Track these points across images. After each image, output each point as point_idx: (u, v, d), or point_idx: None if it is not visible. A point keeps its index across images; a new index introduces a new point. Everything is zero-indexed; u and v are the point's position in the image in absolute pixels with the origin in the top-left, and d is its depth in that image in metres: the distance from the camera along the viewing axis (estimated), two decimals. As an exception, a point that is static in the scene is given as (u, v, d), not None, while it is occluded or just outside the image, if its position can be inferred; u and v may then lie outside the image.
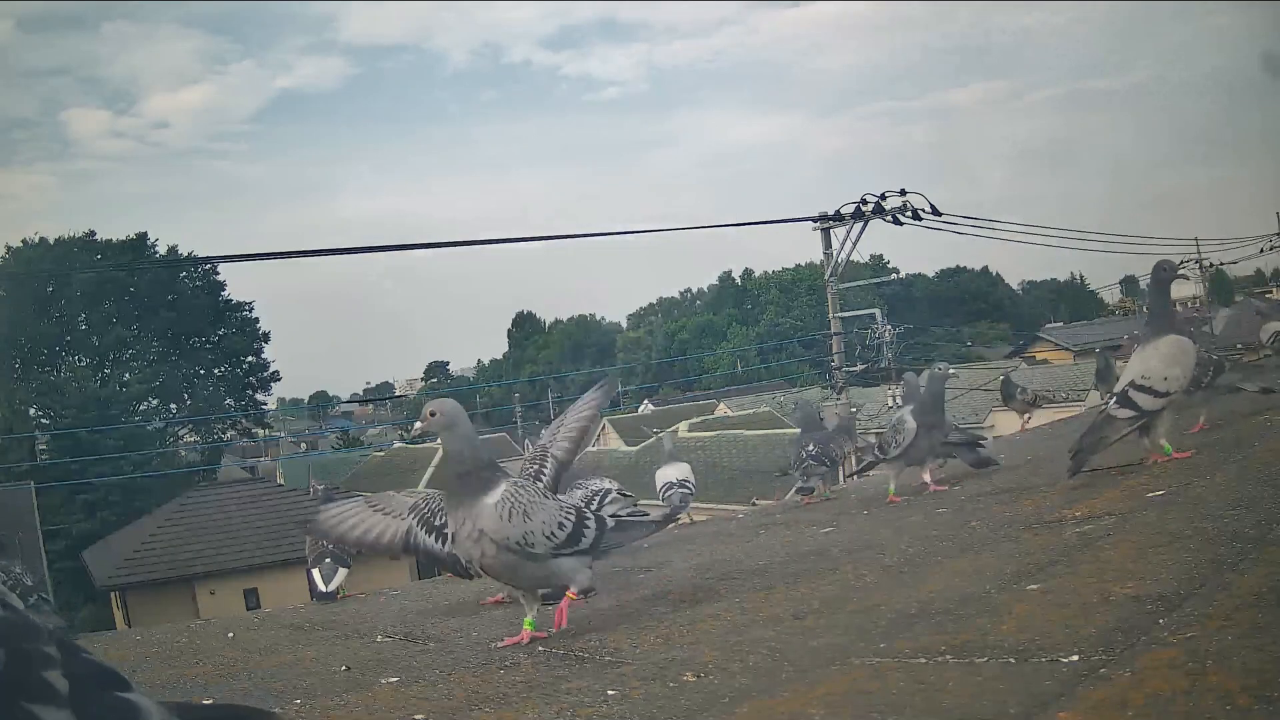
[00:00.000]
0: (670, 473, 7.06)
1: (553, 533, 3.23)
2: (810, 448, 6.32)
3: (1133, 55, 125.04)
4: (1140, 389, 4.46)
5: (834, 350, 19.58)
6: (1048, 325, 55.76)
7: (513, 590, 3.51)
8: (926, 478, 5.59)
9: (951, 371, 5.93)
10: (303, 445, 50.06)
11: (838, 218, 18.54)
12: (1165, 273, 4.77)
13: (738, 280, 79.23)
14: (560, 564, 3.28)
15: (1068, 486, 4.69)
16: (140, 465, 30.51)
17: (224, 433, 40.63)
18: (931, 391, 5.80)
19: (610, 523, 3.44)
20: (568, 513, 3.33)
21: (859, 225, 18.32)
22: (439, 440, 3.29)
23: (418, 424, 3.33)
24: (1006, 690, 2.08)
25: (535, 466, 4.44)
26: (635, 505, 6.14)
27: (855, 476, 5.87)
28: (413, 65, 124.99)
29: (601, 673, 2.82)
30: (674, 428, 29.14)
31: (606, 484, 6.16)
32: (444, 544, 3.92)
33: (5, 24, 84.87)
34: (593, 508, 5.93)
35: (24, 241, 38.38)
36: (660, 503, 6.69)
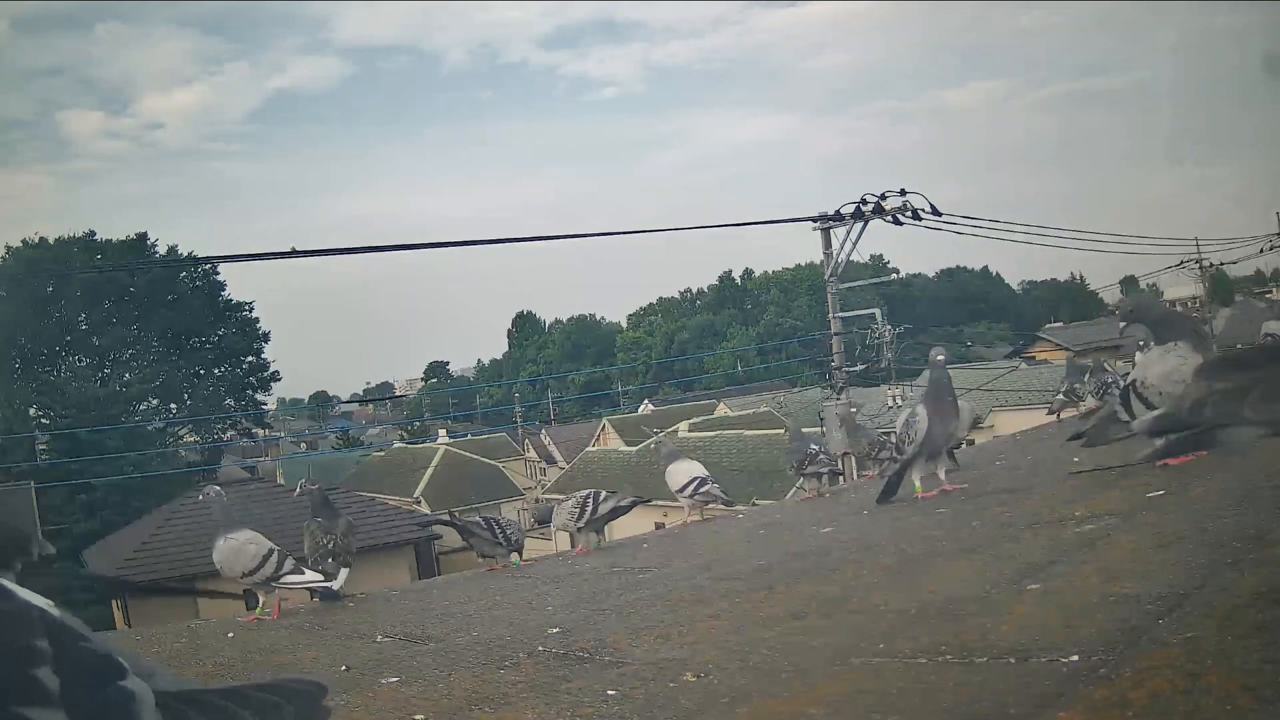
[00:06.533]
0: (688, 469, 7.13)
1: None
2: (819, 448, 7.19)
3: (1133, 55, 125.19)
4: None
5: (834, 350, 19.56)
6: (1048, 325, 55.68)
7: None
8: (941, 475, 5.47)
9: (941, 358, 5.82)
10: (303, 445, 50.04)
11: (838, 218, 18.52)
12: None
13: (738, 280, 79.26)
14: None
15: (1068, 486, 4.70)
16: (140, 465, 30.44)
17: (224, 433, 40.60)
18: (935, 380, 5.71)
19: None
20: None
21: (859, 225, 18.30)
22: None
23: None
24: (1006, 690, 2.08)
25: None
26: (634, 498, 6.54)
27: (882, 494, 5.71)
28: (409, 65, 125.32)
29: (601, 673, 2.82)
30: (674, 427, 29.08)
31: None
32: None
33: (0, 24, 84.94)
34: (588, 511, 6.12)
35: (24, 241, 38.44)
36: (686, 500, 6.94)
